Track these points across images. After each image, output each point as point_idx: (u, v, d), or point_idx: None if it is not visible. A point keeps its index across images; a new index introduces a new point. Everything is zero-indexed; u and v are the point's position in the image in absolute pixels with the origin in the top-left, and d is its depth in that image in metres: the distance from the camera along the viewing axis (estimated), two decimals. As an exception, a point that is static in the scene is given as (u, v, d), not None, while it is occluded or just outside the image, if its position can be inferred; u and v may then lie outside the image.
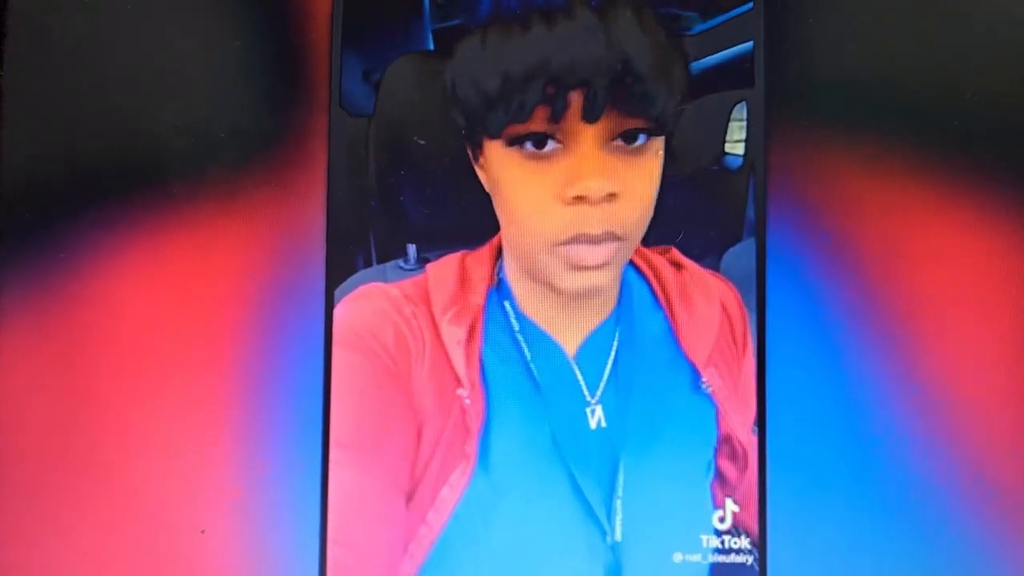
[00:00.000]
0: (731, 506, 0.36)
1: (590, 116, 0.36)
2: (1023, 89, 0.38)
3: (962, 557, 0.36)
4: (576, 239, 0.36)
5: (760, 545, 0.36)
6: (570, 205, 0.36)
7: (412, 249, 0.37)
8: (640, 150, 0.37)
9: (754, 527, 0.36)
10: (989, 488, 0.36)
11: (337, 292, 0.37)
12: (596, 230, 0.36)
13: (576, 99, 0.36)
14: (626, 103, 0.37)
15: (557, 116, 0.36)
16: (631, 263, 0.37)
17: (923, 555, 0.36)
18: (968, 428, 0.36)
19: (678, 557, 0.36)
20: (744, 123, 0.38)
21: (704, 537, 0.36)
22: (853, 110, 0.38)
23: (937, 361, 0.37)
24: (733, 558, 0.36)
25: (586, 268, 0.37)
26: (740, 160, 0.38)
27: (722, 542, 0.36)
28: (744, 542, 0.36)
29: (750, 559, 0.36)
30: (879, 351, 0.37)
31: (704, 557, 0.36)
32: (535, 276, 0.37)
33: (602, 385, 0.37)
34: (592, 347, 0.37)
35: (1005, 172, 0.37)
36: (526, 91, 0.36)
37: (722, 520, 0.36)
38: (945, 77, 0.38)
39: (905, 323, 0.37)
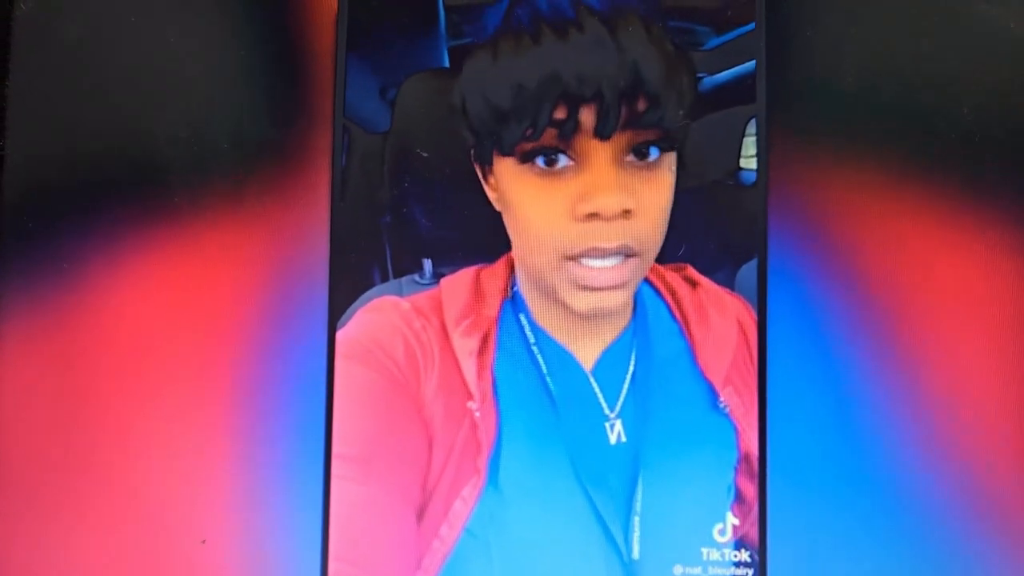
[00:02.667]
0: (731, 519, 0.37)
1: (603, 133, 0.36)
2: (1021, 103, 0.38)
3: (963, 570, 0.36)
4: (588, 253, 0.36)
5: (760, 558, 0.37)
6: (583, 222, 0.36)
7: (428, 264, 0.37)
8: (654, 165, 0.37)
9: (755, 540, 0.37)
10: (991, 502, 0.36)
11: (352, 306, 0.37)
12: (610, 244, 0.36)
13: (587, 116, 0.36)
14: (638, 117, 0.37)
15: (569, 134, 0.36)
16: (646, 280, 0.37)
17: (925, 568, 0.36)
18: (970, 440, 0.37)
19: (678, 570, 0.36)
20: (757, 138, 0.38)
21: (704, 550, 0.36)
22: (853, 125, 0.38)
23: (937, 373, 0.37)
24: (733, 571, 0.36)
25: (595, 289, 0.37)
26: (754, 175, 0.38)
27: (723, 555, 0.37)
28: (744, 555, 0.36)
29: (750, 572, 0.36)
30: (880, 363, 0.37)
31: (705, 570, 0.36)
32: (546, 293, 0.37)
33: (621, 399, 0.37)
34: (609, 361, 0.37)
35: (1005, 186, 0.37)
36: (538, 108, 0.36)
37: (722, 533, 0.37)
38: (943, 92, 0.38)
39: (906, 335, 0.37)
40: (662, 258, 0.37)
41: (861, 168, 0.38)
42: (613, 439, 0.37)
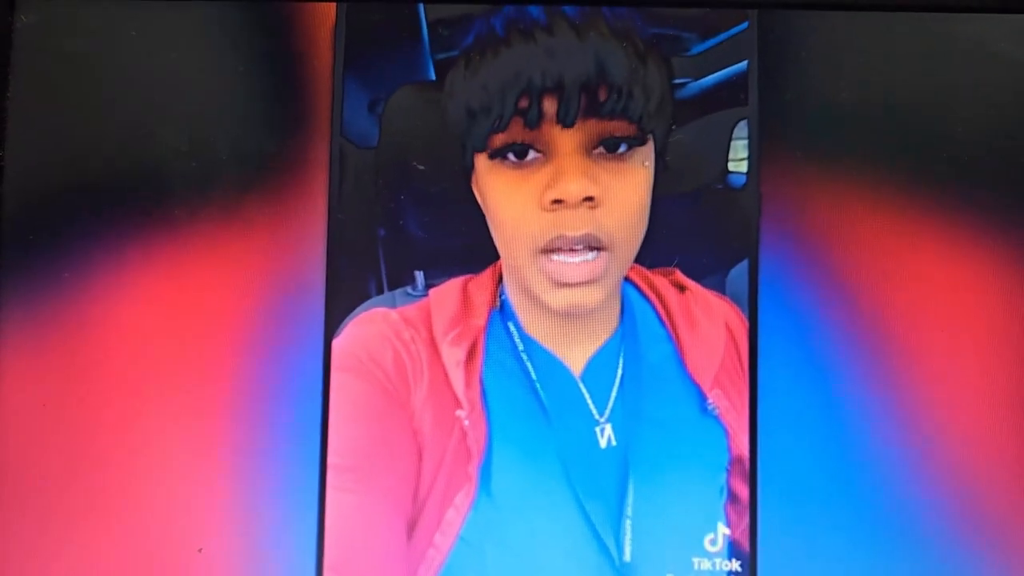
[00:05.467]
0: (722, 529, 0.36)
1: (565, 119, 0.37)
2: (1010, 121, 0.38)
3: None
4: (556, 242, 0.37)
5: (751, 566, 0.36)
6: (550, 211, 0.37)
7: (420, 276, 0.38)
8: (624, 158, 0.37)
9: (745, 548, 0.37)
10: (983, 510, 0.36)
11: (346, 319, 0.37)
12: (575, 232, 0.37)
13: (551, 106, 0.37)
14: (602, 107, 0.37)
15: (533, 122, 0.37)
16: (634, 284, 0.38)
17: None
18: (960, 445, 0.37)
19: (668, 578, 0.36)
20: (746, 141, 0.38)
21: (695, 560, 0.36)
22: (846, 140, 0.38)
23: (927, 382, 0.37)
24: (723, 581, 0.36)
25: (569, 285, 0.37)
26: (744, 178, 0.38)
27: (713, 564, 0.36)
28: (735, 565, 0.36)
29: (740, 581, 0.37)
30: (870, 368, 0.37)
31: (695, 579, 0.36)
32: (527, 293, 0.37)
33: (610, 404, 0.37)
34: (598, 366, 0.37)
35: (994, 200, 0.38)
36: (503, 100, 0.37)
37: (713, 543, 0.36)
38: (935, 110, 0.38)
39: (895, 345, 0.37)
40: (652, 262, 0.37)
41: (852, 181, 0.38)
42: (603, 443, 0.37)
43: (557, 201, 0.37)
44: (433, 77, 0.38)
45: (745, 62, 0.38)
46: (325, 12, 0.39)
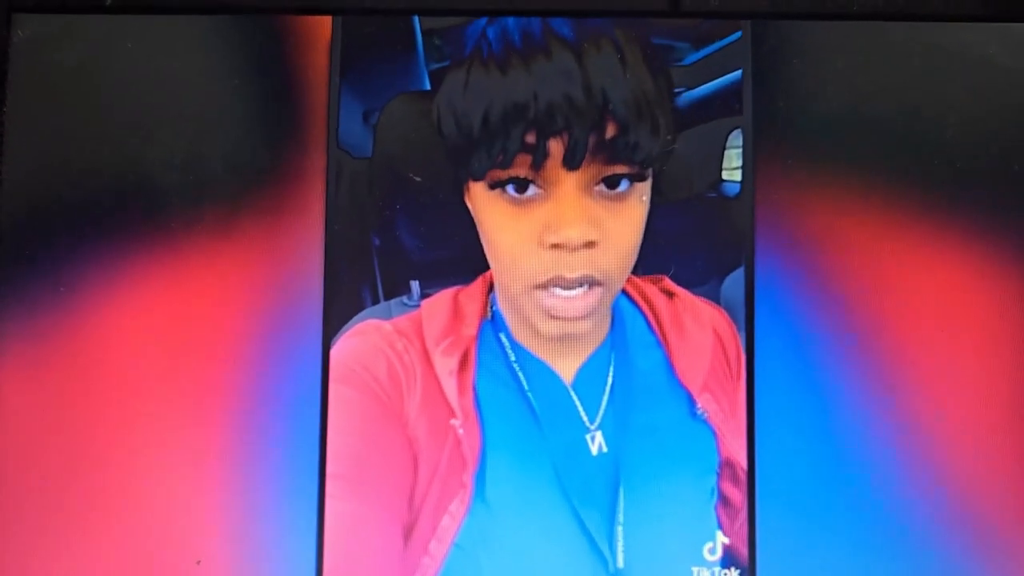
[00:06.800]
0: (721, 538, 0.36)
1: (571, 164, 0.37)
2: (1001, 128, 0.38)
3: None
4: (553, 282, 0.37)
5: (751, 574, 0.36)
6: (549, 251, 0.37)
7: (415, 286, 0.38)
8: (623, 196, 0.37)
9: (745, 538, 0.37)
10: (980, 513, 0.36)
11: (341, 330, 0.38)
12: (573, 274, 0.37)
13: (556, 146, 0.37)
14: (608, 149, 0.37)
15: (538, 164, 0.37)
16: (624, 293, 0.38)
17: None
18: (956, 451, 0.37)
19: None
20: (740, 150, 0.38)
21: (695, 569, 0.36)
22: (839, 144, 0.38)
23: (923, 386, 0.37)
24: (723, 590, 0.36)
25: (562, 319, 0.37)
26: (738, 187, 0.38)
27: (712, 573, 0.36)
28: (734, 573, 0.36)
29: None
30: (865, 378, 0.37)
31: (695, 588, 0.36)
32: (520, 313, 0.38)
33: (601, 411, 0.37)
34: (589, 374, 0.37)
35: (986, 206, 0.38)
36: (507, 137, 0.37)
37: (712, 551, 0.36)
38: (927, 116, 0.38)
39: (890, 350, 0.37)
40: (646, 271, 0.38)
41: (846, 187, 0.38)
42: (595, 450, 0.37)
43: (557, 245, 0.37)
44: (428, 87, 0.38)
45: (739, 71, 0.38)
46: (321, 25, 0.39)
